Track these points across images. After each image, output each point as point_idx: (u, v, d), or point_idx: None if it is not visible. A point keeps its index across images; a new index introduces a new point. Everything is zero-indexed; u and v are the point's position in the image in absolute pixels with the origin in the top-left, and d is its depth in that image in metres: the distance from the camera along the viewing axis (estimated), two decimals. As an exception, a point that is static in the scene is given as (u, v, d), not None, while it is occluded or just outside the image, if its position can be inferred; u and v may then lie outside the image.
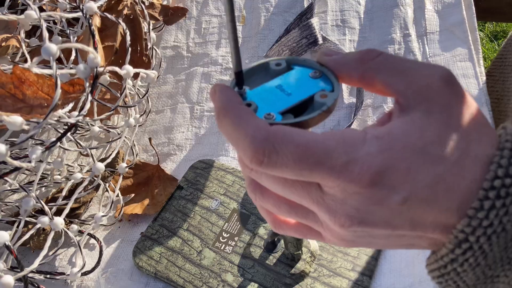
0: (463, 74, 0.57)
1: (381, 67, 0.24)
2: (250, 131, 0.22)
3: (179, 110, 0.64)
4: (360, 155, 0.21)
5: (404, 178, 0.21)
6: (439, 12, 0.63)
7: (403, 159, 0.21)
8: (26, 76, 0.41)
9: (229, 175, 0.54)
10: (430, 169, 0.22)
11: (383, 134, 0.22)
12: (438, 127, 0.22)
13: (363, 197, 0.22)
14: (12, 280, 0.39)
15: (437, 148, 0.22)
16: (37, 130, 0.37)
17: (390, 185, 0.21)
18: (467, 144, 0.22)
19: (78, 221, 0.53)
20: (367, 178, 0.21)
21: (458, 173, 0.22)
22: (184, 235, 0.49)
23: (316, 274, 0.44)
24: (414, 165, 0.21)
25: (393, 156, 0.21)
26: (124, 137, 0.56)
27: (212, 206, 0.51)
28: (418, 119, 0.22)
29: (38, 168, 0.45)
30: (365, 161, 0.21)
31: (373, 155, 0.21)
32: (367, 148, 0.22)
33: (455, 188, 0.22)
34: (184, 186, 0.53)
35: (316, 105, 0.25)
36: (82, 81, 0.42)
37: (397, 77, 0.23)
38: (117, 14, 0.58)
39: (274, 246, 0.46)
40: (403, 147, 0.22)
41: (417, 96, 0.23)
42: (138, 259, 0.49)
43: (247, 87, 0.26)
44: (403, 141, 0.22)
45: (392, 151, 0.22)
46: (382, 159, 0.21)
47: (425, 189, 0.22)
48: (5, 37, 0.54)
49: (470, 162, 0.22)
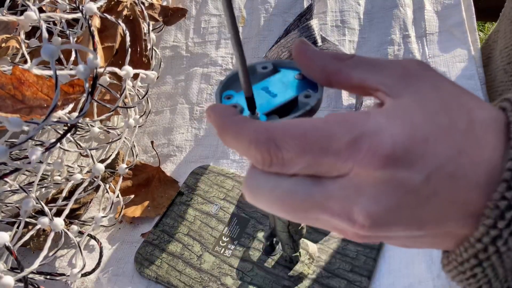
0: (463, 75, 0.57)
1: (357, 64, 0.23)
2: (251, 137, 0.21)
3: (179, 111, 0.64)
4: (366, 128, 0.19)
5: (424, 151, 0.19)
6: (438, 13, 0.63)
7: (417, 129, 0.19)
8: (26, 77, 0.41)
9: (228, 180, 0.54)
10: (448, 139, 0.19)
11: (387, 109, 0.20)
12: (434, 101, 0.20)
13: (380, 182, 0.19)
14: (12, 281, 0.39)
15: (444, 117, 0.19)
16: (37, 131, 0.37)
17: (408, 161, 0.19)
18: (469, 111, 0.20)
19: (78, 222, 0.53)
20: (380, 153, 0.19)
21: (474, 141, 0.19)
22: (185, 240, 0.50)
23: (315, 276, 0.44)
24: (431, 135, 0.19)
25: (406, 126, 0.19)
26: (124, 138, 0.56)
27: (212, 211, 0.51)
28: (411, 99, 0.21)
29: (38, 169, 0.45)
30: (373, 134, 0.19)
31: (382, 126, 0.19)
32: (373, 120, 0.19)
33: (477, 158, 0.19)
34: (185, 192, 0.54)
35: (300, 105, 0.25)
36: (81, 82, 0.42)
37: (375, 71, 0.22)
38: (116, 15, 0.58)
39: (273, 249, 0.46)
40: (412, 120, 0.19)
41: (400, 82, 0.21)
42: (139, 265, 0.49)
43: (234, 90, 0.27)
44: (410, 114, 0.20)
45: (403, 121, 0.19)
46: (393, 130, 0.19)
47: (450, 162, 0.19)
48: (5, 38, 0.54)
49: (480, 128, 0.20)
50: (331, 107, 0.59)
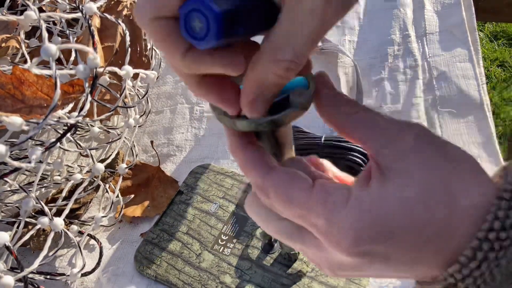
0: (463, 75, 0.57)
1: (359, 124, 0.24)
2: (252, 176, 0.24)
3: (179, 111, 0.64)
4: (339, 218, 0.22)
5: (387, 245, 0.21)
6: (438, 13, 0.63)
7: (386, 226, 0.21)
8: (26, 76, 0.41)
9: (228, 178, 0.54)
10: (416, 233, 0.21)
11: (366, 198, 0.22)
12: (419, 187, 0.21)
13: (345, 260, 0.22)
14: (12, 280, 0.39)
15: (421, 209, 0.21)
16: (37, 130, 0.37)
17: (371, 252, 0.21)
18: (452, 199, 0.21)
19: (78, 221, 0.53)
20: (344, 247, 0.21)
21: (446, 233, 0.21)
22: (184, 239, 0.50)
23: (313, 274, 0.45)
24: (399, 231, 0.21)
25: (375, 224, 0.21)
26: (124, 137, 0.56)
27: (211, 210, 0.51)
28: (397, 181, 0.22)
29: (38, 169, 0.45)
30: (342, 229, 0.21)
31: (352, 223, 0.21)
32: (347, 212, 0.21)
33: (443, 248, 0.21)
34: (184, 191, 0.54)
35: (292, 103, 0.25)
36: (81, 82, 0.42)
37: (374, 136, 0.23)
38: (116, 14, 0.58)
39: (271, 247, 0.46)
40: (386, 213, 0.21)
41: (393, 156, 0.22)
42: (139, 263, 0.49)
43: None
44: (386, 206, 0.21)
45: (376, 214, 0.21)
46: (361, 228, 0.21)
47: (410, 252, 0.21)
48: (5, 38, 0.54)
49: (458, 217, 0.21)
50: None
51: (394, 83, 0.59)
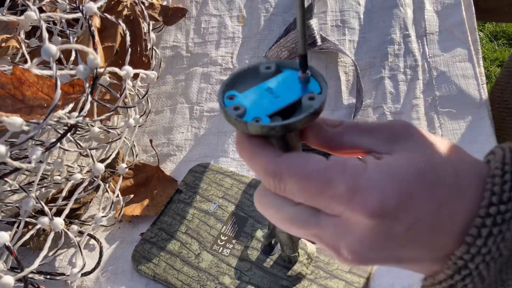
0: (463, 75, 0.57)
1: (348, 130, 0.25)
2: (262, 164, 0.24)
3: (179, 111, 0.64)
4: (361, 182, 0.22)
5: (407, 206, 0.22)
6: (438, 13, 0.63)
7: (404, 187, 0.22)
8: (26, 76, 0.41)
9: (227, 178, 0.54)
10: (432, 195, 0.22)
11: (381, 165, 0.23)
12: (424, 157, 0.23)
13: (365, 227, 0.22)
14: (12, 280, 0.39)
15: (432, 173, 0.22)
16: (37, 130, 0.37)
17: (392, 214, 0.22)
18: (455, 167, 0.23)
19: (78, 221, 0.53)
20: (369, 206, 0.21)
21: (458, 195, 0.22)
22: (183, 238, 0.50)
23: (313, 276, 0.44)
24: (416, 191, 0.22)
25: (395, 183, 0.22)
26: (124, 137, 0.56)
27: (211, 209, 0.51)
28: (403, 156, 0.23)
29: (38, 169, 0.45)
30: (365, 189, 0.22)
31: (374, 183, 0.22)
32: (368, 174, 0.22)
33: (458, 211, 0.22)
34: (183, 190, 0.54)
35: (304, 108, 0.25)
36: (82, 82, 0.42)
37: (365, 135, 0.25)
38: (116, 14, 0.58)
39: (271, 249, 0.46)
40: (402, 176, 0.22)
41: (390, 142, 0.24)
42: (137, 262, 0.49)
43: (236, 90, 0.27)
44: (400, 170, 0.22)
45: (392, 178, 0.22)
46: (383, 187, 0.22)
47: (430, 215, 0.22)
48: (5, 38, 0.54)
49: (465, 180, 0.23)
50: (331, 107, 0.59)
51: (394, 82, 0.59)
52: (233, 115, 0.25)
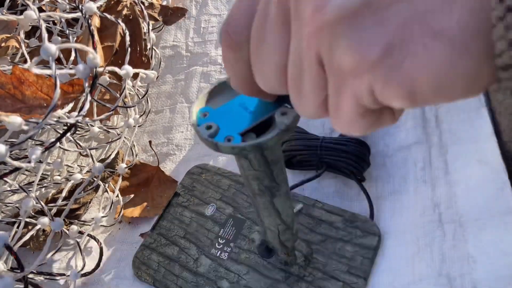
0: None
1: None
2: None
3: (178, 110, 0.64)
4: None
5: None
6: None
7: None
8: (26, 76, 0.41)
9: (225, 179, 0.53)
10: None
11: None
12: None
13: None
14: (12, 280, 0.39)
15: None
16: (37, 130, 0.37)
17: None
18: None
19: (78, 222, 0.53)
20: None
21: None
22: (181, 243, 0.49)
23: (311, 278, 0.44)
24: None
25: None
26: (124, 137, 0.56)
27: (208, 212, 0.51)
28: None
29: (37, 169, 0.45)
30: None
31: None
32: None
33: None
34: (181, 193, 0.53)
35: (276, 124, 0.24)
36: (81, 82, 0.42)
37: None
38: (116, 14, 0.58)
39: (269, 251, 0.46)
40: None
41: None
42: (137, 269, 0.49)
43: (211, 106, 0.26)
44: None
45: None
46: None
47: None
48: (5, 38, 0.54)
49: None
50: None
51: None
52: (204, 135, 0.24)
